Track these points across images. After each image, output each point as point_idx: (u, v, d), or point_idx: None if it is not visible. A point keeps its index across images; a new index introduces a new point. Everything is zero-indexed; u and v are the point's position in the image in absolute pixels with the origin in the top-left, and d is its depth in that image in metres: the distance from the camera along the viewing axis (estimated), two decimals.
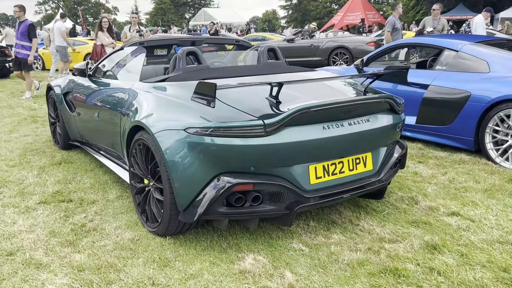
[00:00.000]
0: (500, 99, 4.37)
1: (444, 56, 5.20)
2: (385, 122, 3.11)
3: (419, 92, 5.13)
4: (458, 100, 4.72)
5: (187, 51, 3.61)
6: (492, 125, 4.47)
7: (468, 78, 4.76)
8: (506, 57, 4.68)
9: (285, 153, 2.69)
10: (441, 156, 4.79)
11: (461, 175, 4.18)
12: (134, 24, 10.44)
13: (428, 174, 4.22)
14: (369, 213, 3.35)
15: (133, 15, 11.47)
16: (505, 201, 3.55)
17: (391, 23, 9.28)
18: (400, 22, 9.48)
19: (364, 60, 5.92)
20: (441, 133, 4.95)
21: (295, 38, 15.63)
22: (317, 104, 2.70)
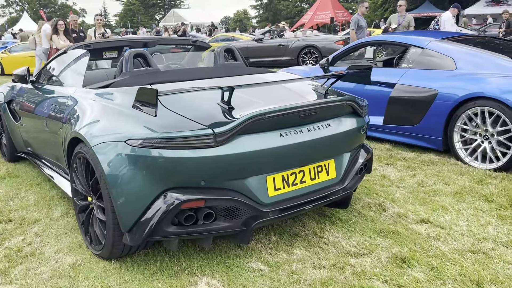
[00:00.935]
0: (467, 97, 4.24)
1: (410, 53, 5.05)
2: (347, 126, 2.90)
3: (385, 91, 4.97)
4: (425, 99, 4.57)
5: (135, 53, 3.31)
6: (460, 124, 4.33)
7: (434, 76, 4.62)
8: (472, 53, 4.55)
9: (239, 165, 2.43)
10: (409, 157, 4.63)
11: (430, 177, 4.02)
12: (99, 26, 10.00)
13: (397, 177, 4.04)
14: (334, 223, 3.13)
15: (97, 17, 10.89)
16: (475, 204, 3.39)
17: (355, 21, 9.15)
18: (365, 20, 9.36)
19: (329, 59, 5.72)
20: (409, 133, 4.80)
21: (263, 38, 15.42)
22: (272, 110, 2.46)
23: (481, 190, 3.65)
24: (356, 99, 2.98)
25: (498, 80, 4.11)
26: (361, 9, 9.45)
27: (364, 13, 9.45)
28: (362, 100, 3.12)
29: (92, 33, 9.96)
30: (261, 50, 15.19)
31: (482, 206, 3.37)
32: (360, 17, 9.30)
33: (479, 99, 4.16)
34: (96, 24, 10.23)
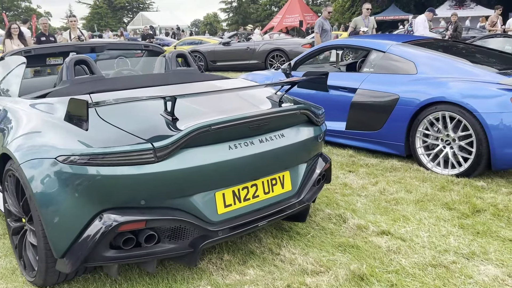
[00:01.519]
0: (428, 102, 4.16)
1: (371, 57, 4.96)
2: (302, 136, 2.75)
3: (347, 97, 4.86)
4: (387, 104, 4.48)
5: (76, 60, 3.07)
6: (422, 129, 4.26)
7: (395, 80, 4.54)
8: (433, 57, 4.49)
9: (183, 181, 2.24)
10: (372, 163, 4.53)
11: (392, 184, 3.92)
12: (74, 29, 9.49)
13: (358, 185, 3.93)
14: (292, 238, 2.97)
15: (70, 19, 10.21)
16: (437, 213, 3.29)
17: (320, 24, 9.10)
18: (329, 23, 9.32)
19: (291, 64, 5.59)
20: (372, 138, 4.70)
21: (231, 41, 15.24)
22: (219, 121, 2.28)
23: (443, 198, 3.56)
24: (311, 107, 2.83)
25: (458, 85, 4.05)
26: (325, 13, 9.42)
27: (328, 17, 9.40)
28: (318, 108, 2.98)
29: (68, 36, 9.52)
30: (228, 53, 15.01)
31: (444, 214, 3.28)
32: (324, 21, 9.26)
33: (440, 104, 4.10)
34: (71, 26, 9.73)
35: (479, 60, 4.64)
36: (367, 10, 9.51)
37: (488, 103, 3.82)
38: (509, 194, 3.63)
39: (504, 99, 3.75)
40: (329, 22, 9.46)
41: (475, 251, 2.73)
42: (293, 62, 5.67)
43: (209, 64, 15.28)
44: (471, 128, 3.89)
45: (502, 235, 2.93)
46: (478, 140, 3.86)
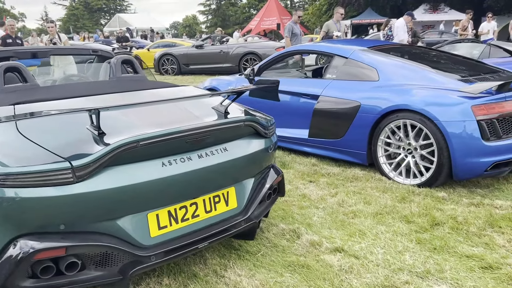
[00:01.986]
0: (390, 110, 4.05)
1: (334, 63, 4.83)
2: (248, 149, 2.58)
3: (310, 103, 4.72)
4: (348, 111, 4.35)
5: (6, 67, 2.84)
6: (384, 137, 4.14)
7: (357, 87, 4.42)
8: (395, 64, 4.38)
9: (109, 203, 2.04)
10: (334, 172, 4.39)
11: (352, 195, 3.78)
12: (53, 34, 9.25)
13: (317, 197, 3.77)
14: (241, 257, 2.79)
15: (48, 24, 9.78)
16: (395, 227, 3.16)
17: (289, 28, 8.97)
18: (298, 28, 9.19)
19: (255, 69, 5.43)
20: (334, 147, 4.57)
21: (204, 44, 15.03)
22: (148, 136, 2.09)
23: (402, 210, 3.44)
24: (257, 118, 2.66)
25: (420, 92, 3.95)
26: (294, 17, 9.30)
27: (297, 21, 9.29)
28: (267, 119, 2.81)
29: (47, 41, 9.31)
30: (201, 56, 14.79)
31: (402, 228, 3.15)
32: (294, 25, 9.13)
33: (401, 112, 3.98)
34: (49, 32, 9.43)
35: (443, 67, 4.55)
36: (340, 15, 9.42)
37: (449, 111, 3.72)
38: (470, 205, 3.53)
39: (465, 107, 3.66)
40: (299, 26, 9.35)
41: (430, 269, 2.60)
42: (257, 68, 5.51)
43: (182, 68, 15.04)
44: (432, 137, 3.79)
45: (459, 251, 2.81)
46: (439, 149, 3.76)
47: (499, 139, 3.65)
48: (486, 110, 3.63)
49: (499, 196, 3.71)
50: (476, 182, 4.03)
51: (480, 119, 3.61)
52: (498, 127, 3.64)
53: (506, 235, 3.01)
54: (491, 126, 3.64)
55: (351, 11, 37.35)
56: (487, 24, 14.07)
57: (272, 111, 5.09)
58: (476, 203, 3.56)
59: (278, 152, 5.08)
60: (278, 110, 5.05)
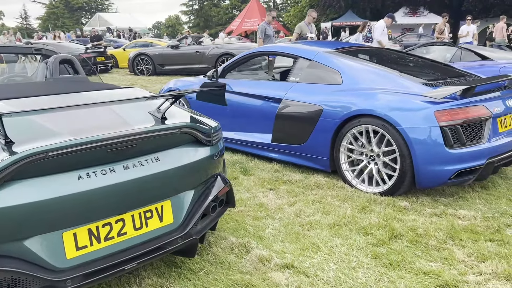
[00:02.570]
0: (352, 114, 3.87)
1: (298, 65, 4.65)
2: (186, 159, 2.36)
3: (273, 107, 4.52)
4: (311, 116, 4.17)
5: None
6: (346, 143, 3.96)
7: (320, 91, 4.23)
8: (359, 67, 4.21)
9: (12, 222, 1.80)
10: (296, 179, 4.19)
11: (311, 204, 3.59)
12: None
13: (275, 206, 3.57)
14: (181, 276, 2.57)
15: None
16: (351, 240, 2.98)
17: (262, 29, 8.80)
18: (272, 29, 9.03)
19: (218, 71, 5.21)
20: (297, 152, 4.38)
21: (179, 45, 14.75)
22: (60, 146, 1.85)
23: (361, 221, 3.26)
24: (196, 125, 2.44)
25: (383, 97, 3.78)
26: (269, 17, 9.14)
27: (271, 22, 9.13)
28: (210, 125, 2.59)
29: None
30: (177, 57, 14.51)
31: (358, 241, 2.96)
32: (267, 25, 8.97)
33: (363, 117, 3.81)
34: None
35: (409, 70, 4.40)
36: (313, 18, 9.28)
37: (411, 117, 3.56)
38: (432, 215, 3.37)
39: (428, 113, 3.50)
40: (272, 27, 9.18)
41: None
42: (221, 69, 5.29)
43: (157, 68, 14.73)
44: (394, 143, 3.62)
45: (416, 267, 2.63)
46: (401, 156, 3.59)
47: (463, 146, 3.50)
48: (450, 116, 3.48)
49: (463, 206, 3.56)
50: (441, 190, 3.88)
51: (444, 125, 3.45)
52: (462, 133, 3.49)
53: (466, 248, 2.85)
54: (455, 133, 3.49)
55: (332, 13, 37.44)
56: (467, 27, 14.12)
57: (235, 114, 4.92)
58: (438, 213, 3.41)
59: (241, 158, 4.87)
60: (241, 114, 4.86)
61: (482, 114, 3.59)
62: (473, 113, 3.56)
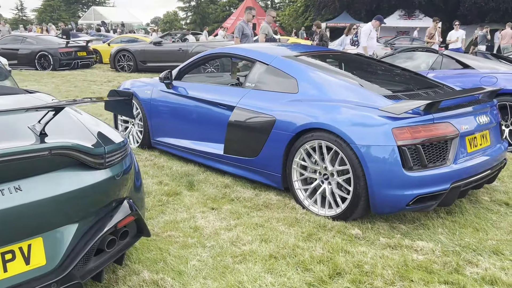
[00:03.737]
0: (304, 128, 3.46)
1: (255, 70, 4.22)
2: (60, 188, 1.93)
3: (225, 115, 4.11)
4: (263, 127, 3.76)
5: None
6: (299, 159, 3.55)
7: (274, 99, 3.82)
8: (318, 74, 3.79)
9: None
10: (245, 197, 3.78)
11: (252, 229, 3.17)
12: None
13: (211, 230, 3.15)
14: None
15: None
16: (285, 278, 2.56)
17: (240, 28, 8.39)
18: (250, 28, 8.61)
19: (173, 72, 4.78)
20: (249, 166, 3.96)
21: (162, 41, 14.30)
22: None
23: (303, 252, 2.85)
24: (80, 145, 2.01)
25: (338, 110, 3.37)
26: (248, 16, 8.66)
27: (250, 20, 8.69)
28: (110, 142, 2.17)
29: None
30: (159, 54, 14.07)
31: (293, 280, 2.55)
32: (245, 25, 8.54)
33: (316, 131, 3.40)
34: None
35: (373, 80, 3.99)
36: (272, 18, 8.89)
37: (366, 134, 3.15)
38: (385, 247, 2.97)
39: (385, 130, 3.09)
40: (251, 26, 8.74)
41: None
42: (177, 71, 4.86)
43: (139, 65, 14.28)
44: (348, 163, 3.21)
45: None
46: (355, 177, 3.19)
47: (424, 168, 3.10)
48: (410, 133, 3.07)
49: (423, 235, 3.15)
50: (401, 215, 3.48)
51: (402, 145, 3.04)
52: (423, 154, 3.08)
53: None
54: (415, 153, 3.08)
55: (327, 14, 37.02)
56: (455, 32, 13.78)
57: (188, 121, 4.49)
58: (393, 244, 3.00)
59: (192, 169, 4.45)
60: (194, 121, 4.45)
61: (447, 133, 3.18)
62: (437, 131, 3.15)
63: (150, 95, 4.92)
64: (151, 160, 4.72)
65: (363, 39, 9.58)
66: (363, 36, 9.63)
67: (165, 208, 3.51)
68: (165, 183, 4.05)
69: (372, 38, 9.73)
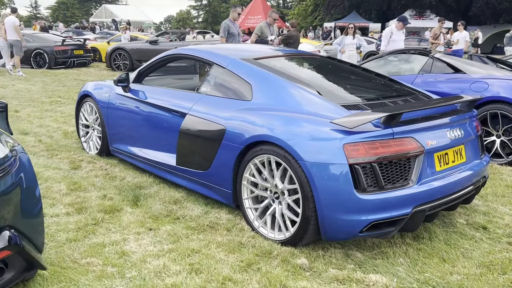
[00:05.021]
0: (253, 140, 3.08)
1: (212, 73, 3.85)
2: None
3: (177, 122, 3.74)
4: (213, 137, 3.39)
5: None
6: (249, 174, 3.18)
7: (227, 106, 3.45)
8: (273, 81, 3.36)
9: None
10: (192, 215, 3.41)
11: (184, 257, 2.79)
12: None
13: (139, 257, 2.78)
14: None
15: None
16: None
17: (225, 27, 8.02)
18: (236, 27, 8.24)
19: (130, 74, 4.43)
20: (200, 180, 3.59)
21: (158, 40, 14.01)
22: None
23: (234, 287, 2.47)
24: None
25: (289, 121, 2.97)
26: (234, 14, 8.31)
27: (237, 19, 8.32)
28: None
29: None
30: (155, 53, 13.43)
31: None
32: (231, 23, 8.17)
33: (266, 144, 3.02)
34: None
35: (336, 87, 3.59)
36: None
37: (316, 149, 2.75)
38: (332, 281, 2.57)
39: (336, 145, 2.69)
40: (237, 25, 8.38)
41: None
42: (136, 73, 4.51)
43: (135, 64, 13.98)
44: (297, 181, 2.83)
45: None
46: (304, 198, 2.80)
47: (381, 190, 2.69)
48: (365, 150, 2.67)
49: (379, 266, 2.75)
50: (362, 240, 3.08)
51: (355, 163, 2.64)
52: (379, 174, 2.68)
53: None
54: (370, 173, 2.68)
55: (336, 14, 36.48)
56: (458, 33, 13.27)
57: (145, 129, 4.13)
58: (342, 277, 2.60)
59: (145, 181, 4.10)
60: (151, 128, 4.10)
61: (409, 149, 2.77)
62: (397, 147, 2.74)
63: (108, 98, 4.59)
64: (105, 170, 4.37)
65: (383, 43, 8.77)
66: (383, 39, 8.82)
67: (97, 228, 3.16)
68: (110, 197, 3.70)
69: (395, 41, 8.73)
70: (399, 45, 8.66)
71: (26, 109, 7.55)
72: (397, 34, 8.76)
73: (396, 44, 8.64)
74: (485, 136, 5.04)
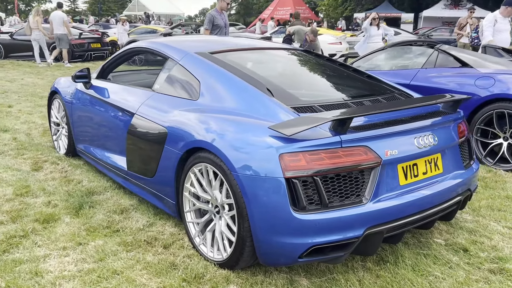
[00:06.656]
0: (192, 146, 2.70)
1: (165, 68, 3.48)
2: None
3: (125, 123, 3.41)
4: (156, 141, 3.02)
5: None
6: (189, 185, 2.80)
7: (173, 106, 3.07)
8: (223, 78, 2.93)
9: None
10: (134, 228, 3.07)
11: (102, 280, 2.45)
12: None
13: (53, 278, 2.46)
14: None
15: None
16: None
17: (210, 19, 7.42)
18: (223, 18, 7.64)
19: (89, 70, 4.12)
20: (149, 188, 3.24)
21: (172, 33, 13.77)
22: None
23: None
24: None
25: (228, 125, 2.56)
26: (221, 4, 7.64)
27: (225, 9, 7.74)
28: None
29: None
30: None
31: None
32: (217, 14, 7.54)
33: (203, 151, 2.63)
34: None
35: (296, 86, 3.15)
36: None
37: (250, 160, 2.34)
38: None
39: (270, 155, 2.27)
40: (226, 15, 7.79)
41: None
42: (100, 68, 4.20)
43: None
44: (232, 195, 2.43)
45: None
46: (239, 215, 2.40)
47: (325, 209, 2.25)
48: (306, 161, 2.24)
49: None
50: (314, 263, 2.65)
51: (292, 176, 2.22)
52: (322, 190, 2.24)
53: None
54: (311, 188, 2.25)
55: (368, 4, 35.31)
56: None
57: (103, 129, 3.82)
58: None
59: (100, 186, 3.80)
60: (104, 128, 3.79)
61: (361, 160, 2.31)
62: (346, 158, 2.29)
63: (72, 95, 4.31)
64: (64, 172, 4.09)
65: (487, 32, 7.19)
66: (486, 28, 7.27)
67: (23, 240, 2.86)
68: (54, 204, 3.41)
69: (500, 31, 7.20)
70: (505, 36, 7.29)
71: (21, 104, 7.42)
72: (503, 22, 7.24)
73: (500, 35, 7.24)
74: (491, 139, 4.46)
